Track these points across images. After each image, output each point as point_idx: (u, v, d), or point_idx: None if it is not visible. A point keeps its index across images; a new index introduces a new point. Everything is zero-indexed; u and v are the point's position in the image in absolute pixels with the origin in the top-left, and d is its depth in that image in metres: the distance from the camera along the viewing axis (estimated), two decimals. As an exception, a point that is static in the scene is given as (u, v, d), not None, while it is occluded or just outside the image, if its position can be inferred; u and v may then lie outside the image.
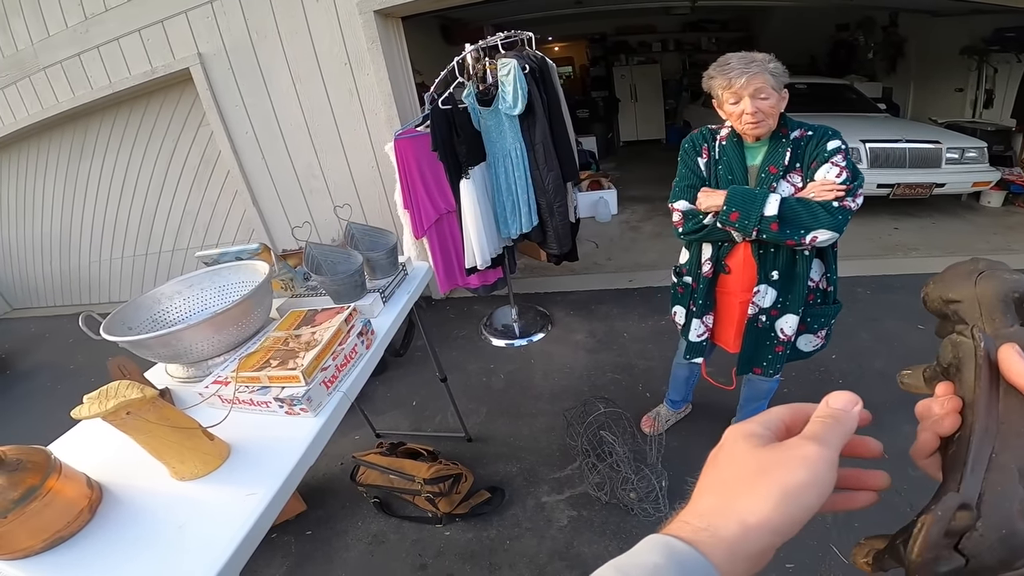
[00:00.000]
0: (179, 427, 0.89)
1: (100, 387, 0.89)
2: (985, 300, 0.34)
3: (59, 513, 0.87)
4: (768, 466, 0.30)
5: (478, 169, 2.38)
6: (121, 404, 0.80)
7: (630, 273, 3.28)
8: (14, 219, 5.73)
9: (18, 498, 0.83)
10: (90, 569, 0.83)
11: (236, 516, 0.86)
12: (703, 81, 1.44)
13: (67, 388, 4.04)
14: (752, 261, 1.49)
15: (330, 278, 1.27)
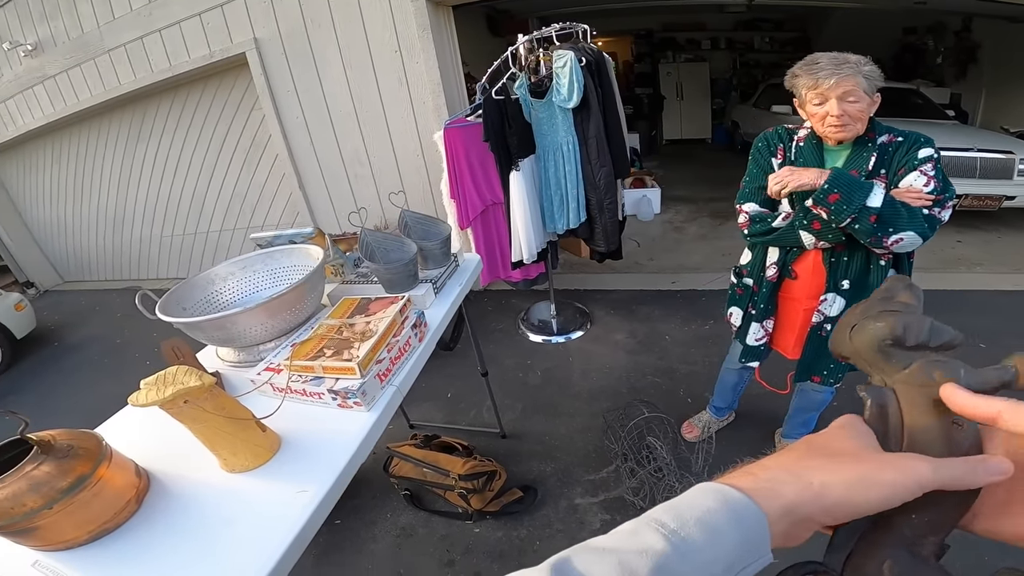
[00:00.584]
0: (234, 418, 0.85)
1: (154, 368, 0.85)
2: (863, 354, 0.35)
3: (107, 504, 0.83)
4: (865, 456, 0.29)
5: (528, 161, 2.30)
6: (179, 392, 0.76)
7: (673, 275, 3.15)
8: (72, 196, 5.94)
9: (67, 487, 0.79)
10: (134, 564, 0.79)
11: (287, 515, 0.81)
12: (786, 79, 1.35)
13: (114, 362, 4.17)
14: (821, 268, 1.40)
15: (384, 266, 1.22)
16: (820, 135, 1.33)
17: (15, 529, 0.77)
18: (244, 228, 4.88)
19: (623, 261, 3.08)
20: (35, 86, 4.89)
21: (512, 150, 2.26)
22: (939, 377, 0.32)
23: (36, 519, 0.76)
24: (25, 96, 5.04)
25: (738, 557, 0.26)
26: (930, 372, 0.33)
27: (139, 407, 0.76)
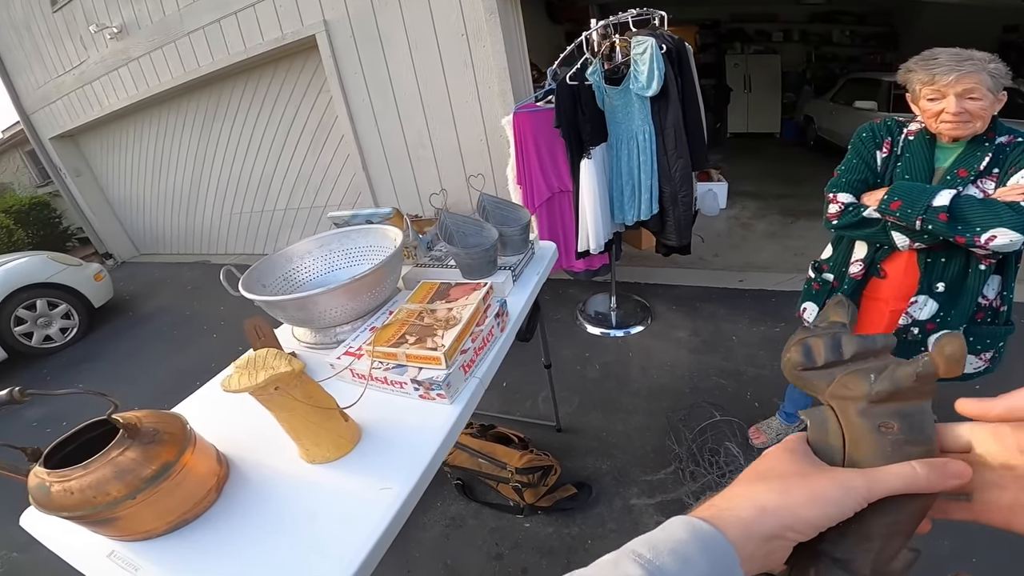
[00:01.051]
0: (319, 406, 0.80)
1: (220, 342, 0.81)
2: (791, 381, 0.38)
3: (189, 493, 0.79)
4: (811, 475, 0.31)
5: (599, 149, 2.20)
6: (271, 379, 0.71)
7: (740, 272, 2.97)
8: (150, 174, 6.23)
9: (151, 476, 0.75)
10: (213, 557, 0.75)
11: (371, 513, 0.76)
12: (899, 73, 1.28)
13: (182, 334, 4.31)
14: (915, 268, 1.31)
15: (465, 250, 1.15)
16: (934, 131, 1.25)
17: (96, 519, 0.75)
18: (308, 208, 4.97)
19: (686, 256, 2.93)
20: (120, 68, 5.11)
21: (584, 137, 2.16)
22: (852, 386, 0.34)
23: (118, 509, 0.73)
24: (111, 77, 5.28)
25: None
26: (845, 383, 0.34)
27: (231, 392, 0.72)
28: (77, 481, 0.72)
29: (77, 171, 6.78)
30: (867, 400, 0.33)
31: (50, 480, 0.74)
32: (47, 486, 0.74)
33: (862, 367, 0.35)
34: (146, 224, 6.93)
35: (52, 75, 5.85)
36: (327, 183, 4.65)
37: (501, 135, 3.13)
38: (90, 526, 0.77)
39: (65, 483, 0.73)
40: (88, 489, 0.72)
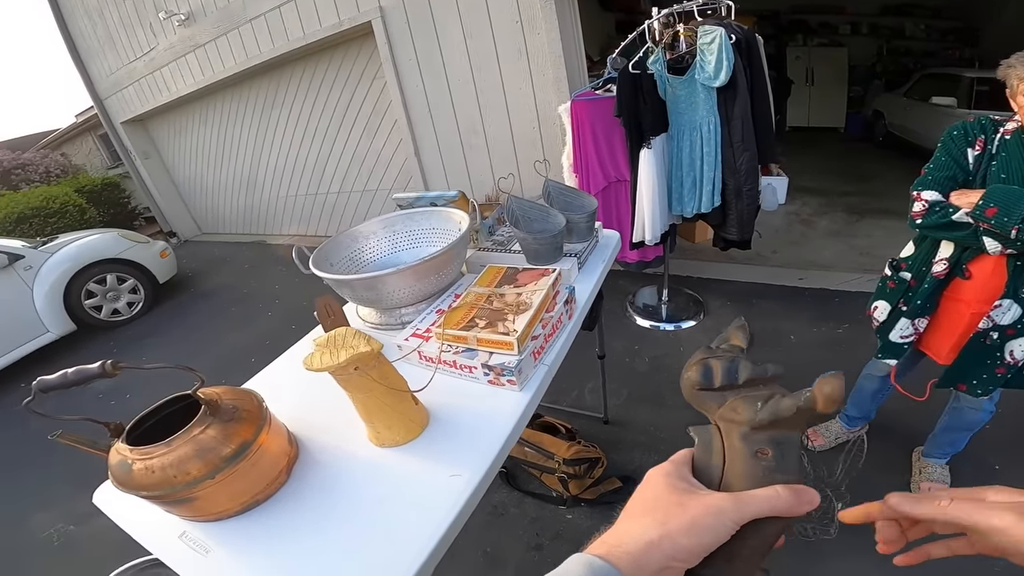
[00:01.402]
0: (394, 388, 0.78)
1: (276, 319, 0.80)
2: (688, 399, 0.41)
3: (262, 473, 0.78)
4: (688, 504, 0.33)
5: (660, 139, 2.12)
6: (352, 358, 0.69)
7: (800, 271, 2.82)
8: (213, 157, 6.46)
9: (230, 455, 0.73)
10: (281, 540, 0.74)
11: (441, 500, 0.73)
12: (999, 70, 1.21)
13: (240, 311, 4.45)
14: (1002, 271, 1.23)
15: (533, 236, 1.12)
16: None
17: (173, 499, 0.73)
18: (360, 191, 5.05)
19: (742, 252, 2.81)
20: (187, 54, 5.29)
21: (644, 127, 2.09)
22: (740, 411, 0.35)
23: (196, 489, 0.72)
24: (178, 64, 5.49)
25: None
26: (733, 407, 0.36)
27: (313, 371, 0.70)
28: (159, 459, 0.71)
29: (146, 154, 7.12)
30: (749, 426, 0.35)
31: (132, 457, 0.72)
32: (129, 463, 0.72)
33: (751, 394, 0.37)
34: (208, 205, 7.22)
35: (124, 61, 6.12)
36: (379, 167, 4.70)
37: (555, 123, 3.08)
38: (165, 506, 0.76)
39: (147, 461, 0.72)
40: (169, 468, 0.71)
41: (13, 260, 3.93)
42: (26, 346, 4.00)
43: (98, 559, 2.06)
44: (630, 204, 2.29)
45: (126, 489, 0.73)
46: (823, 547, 1.52)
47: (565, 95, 2.90)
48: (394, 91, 3.79)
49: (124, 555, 2.04)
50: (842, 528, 1.52)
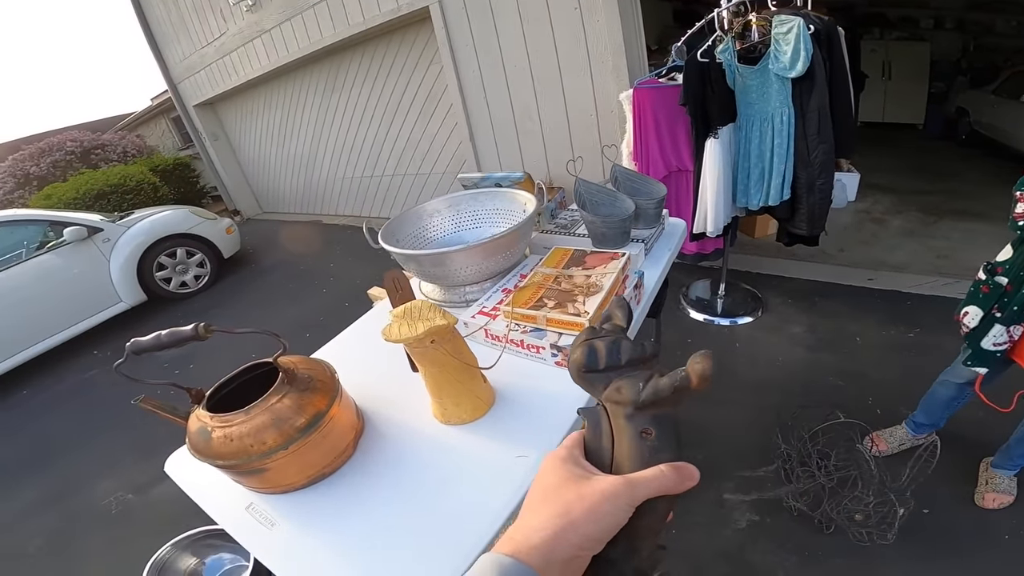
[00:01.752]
0: (467, 363, 0.76)
1: (330, 296, 0.80)
2: (576, 382, 0.41)
3: (331, 446, 0.77)
4: (586, 491, 0.33)
5: (727, 130, 2.04)
6: (430, 330, 0.68)
7: (870, 271, 2.65)
8: (276, 138, 6.68)
9: (304, 426, 0.72)
10: (345, 515, 0.73)
11: (507, 481, 0.71)
12: None
13: (296, 287, 4.60)
14: None
15: (601, 219, 1.09)
16: None
17: (247, 469, 0.72)
18: (414, 174, 5.11)
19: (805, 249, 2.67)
20: (254, 40, 5.47)
21: (711, 116, 2.01)
22: (624, 391, 0.36)
23: (269, 460, 0.71)
24: (246, 49, 5.68)
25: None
26: (618, 388, 0.37)
27: (391, 342, 0.69)
28: (237, 427, 0.71)
29: (215, 135, 7.45)
30: (633, 406, 0.36)
31: (212, 425, 0.72)
32: (208, 431, 0.72)
33: (633, 374, 0.37)
34: (269, 184, 7.50)
35: (196, 47, 6.39)
36: (433, 151, 4.73)
37: (612, 111, 3.01)
38: (237, 476, 0.76)
39: (227, 428, 0.71)
40: (247, 437, 0.70)
41: (92, 232, 4.19)
42: (101, 314, 4.27)
43: (152, 530, 2.14)
44: (692, 194, 2.21)
45: (203, 457, 0.73)
46: (877, 553, 1.44)
47: (625, 83, 2.82)
48: (450, 76, 3.79)
49: (177, 526, 2.16)
50: (900, 535, 1.44)
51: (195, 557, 1.46)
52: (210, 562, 1.47)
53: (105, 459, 2.76)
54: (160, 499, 2.35)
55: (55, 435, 3.17)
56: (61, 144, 8.13)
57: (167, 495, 2.32)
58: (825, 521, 1.53)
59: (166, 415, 0.79)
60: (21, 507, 2.53)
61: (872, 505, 1.47)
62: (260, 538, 0.73)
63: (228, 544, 1.48)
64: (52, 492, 2.60)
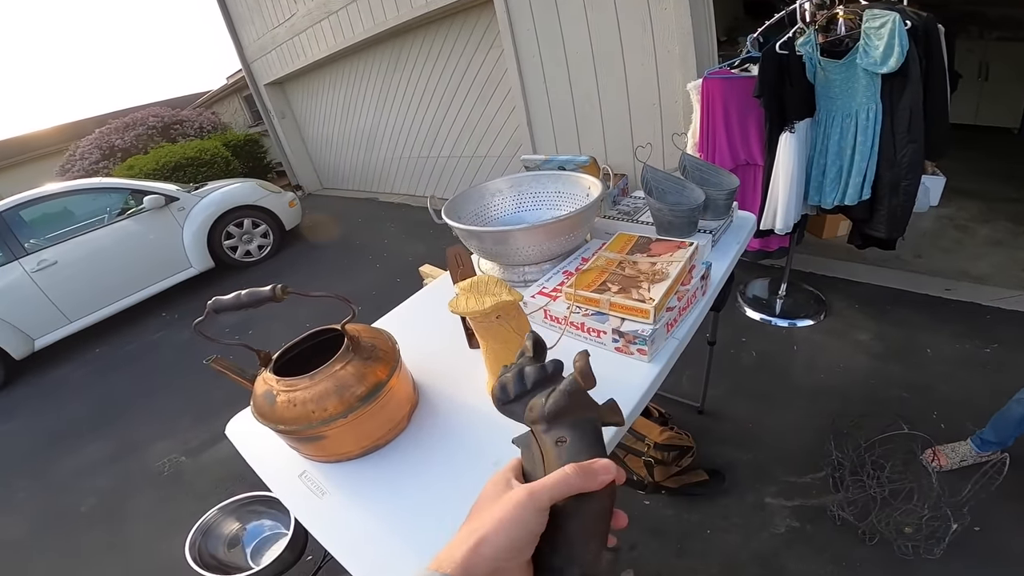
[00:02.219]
0: None
1: (383, 271, 0.79)
2: (505, 415, 0.44)
3: (388, 417, 0.76)
4: (496, 505, 0.34)
5: (803, 124, 1.93)
6: (497, 306, 0.67)
7: (949, 280, 2.45)
8: (339, 117, 6.85)
9: (364, 394, 0.72)
10: (393, 489, 0.72)
11: None
12: None
13: (351, 261, 4.74)
14: None
15: (669, 207, 1.05)
16: None
17: (306, 435, 0.72)
18: (469, 156, 5.12)
19: (878, 253, 2.51)
20: (322, 21, 5.59)
21: (788, 110, 1.90)
22: (535, 410, 0.39)
23: (328, 428, 0.71)
24: (314, 30, 5.81)
25: None
26: (530, 408, 0.40)
27: (457, 314, 0.69)
28: (302, 392, 0.71)
29: (282, 113, 7.73)
30: (545, 420, 0.37)
31: (278, 388, 0.72)
32: (274, 395, 0.72)
33: (542, 393, 0.40)
34: (330, 161, 7.73)
35: (269, 27, 6.60)
36: (490, 134, 4.72)
37: (677, 100, 2.90)
38: (294, 442, 0.76)
39: (291, 393, 0.71)
40: (310, 402, 0.70)
41: (169, 201, 4.46)
42: (172, 278, 4.56)
43: (199, 494, 2.26)
44: (759, 189, 2.11)
45: (265, 421, 0.73)
46: (917, 567, 1.36)
47: (693, 73, 2.70)
48: (510, 60, 3.75)
49: (221, 492, 2.28)
50: (948, 551, 1.35)
51: (238, 522, 1.50)
52: (251, 528, 1.51)
53: (163, 420, 2.89)
54: (209, 463, 2.45)
55: (120, 394, 3.36)
56: (144, 119, 8.62)
57: (216, 459, 2.46)
58: (869, 532, 1.46)
59: (235, 377, 0.81)
60: (81, 466, 2.68)
61: (926, 519, 1.40)
62: (309, 506, 0.74)
63: (270, 511, 1.52)
64: (111, 452, 2.74)
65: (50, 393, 3.61)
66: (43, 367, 3.98)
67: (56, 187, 4.30)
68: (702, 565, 1.52)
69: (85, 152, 8.11)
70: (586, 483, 0.33)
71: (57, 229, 4.12)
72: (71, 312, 4.04)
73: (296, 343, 0.84)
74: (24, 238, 3.90)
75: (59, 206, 4.31)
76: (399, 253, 4.62)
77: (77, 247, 4.04)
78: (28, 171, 11.05)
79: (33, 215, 4.09)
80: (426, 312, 1.19)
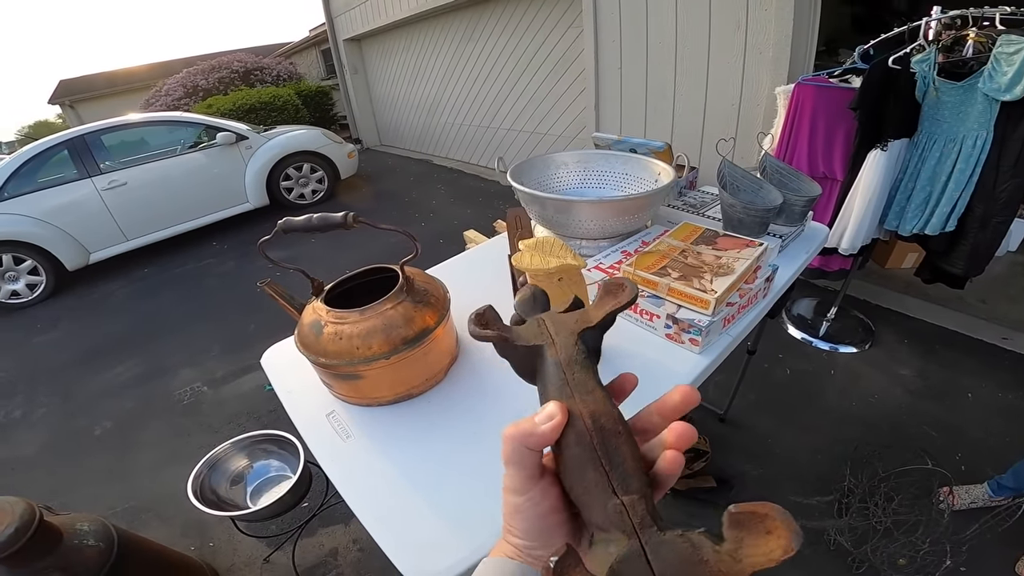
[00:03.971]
0: None
1: (431, 228, 0.77)
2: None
3: (427, 366, 0.74)
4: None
5: (898, 143, 1.79)
6: (562, 267, 0.64)
7: (1008, 329, 2.28)
8: (408, 78, 6.85)
9: (411, 338, 0.69)
10: (419, 443, 0.70)
11: None
12: None
13: (399, 216, 4.77)
14: None
15: (743, 204, 1.00)
16: None
17: (345, 372, 0.70)
18: (529, 132, 5.05)
19: (941, 291, 2.34)
20: (408, -21, 5.57)
21: (886, 126, 1.77)
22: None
23: (369, 368, 0.68)
24: (393, -10, 5.79)
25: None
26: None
27: (521, 269, 0.66)
28: (350, 326, 0.69)
29: (355, 69, 7.80)
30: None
31: (327, 319, 0.70)
32: (321, 325, 0.70)
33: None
34: (392, 120, 7.78)
35: (357, -18, 6.64)
36: (554, 112, 4.62)
37: (759, 104, 2.75)
38: (331, 379, 0.74)
39: (339, 325, 0.69)
40: (356, 337, 0.68)
41: (239, 140, 4.59)
42: (228, 210, 4.72)
43: (212, 426, 2.28)
44: (833, 205, 1.99)
45: (308, 352, 0.71)
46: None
47: (783, 77, 2.55)
48: (588, 41, 3.62)
49: (236, 427, 2.29)
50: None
51: (247, 459, 1.46)
52: (257, 466, 1.48)
53: (194, 348, 2.94)
54: (228, 397, 2.47)
55: (159, 316, 3.45)
56: (229, 63, 8.86)
57: (236, 393, 2.49)
58: (860, 560, 1.42)
59: (284, 303, 0.79)
60: (106, 387, 2.72)
61: (923, 552, 1.36)
62: (332, 448, 0.72)
63: (281, 452, 1.49)
64: (138, 374, 2.79)
65: (94, 307, 3.75)
66: (93, 281, 4.15)
67: (137, 117, 4.49)
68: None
69: (170, 89, 8.40)
70: (527, 442, 0.27)
71: (132, 155, 4.30)
72: (130, 231, 4.24)
73: (350, 276, 0.83)
74: (101, 160, 4.09)
75: (137, 135, 4.49)
76: (446, 215, 4.63)
77: (147, 172, 4.22)
78: (118, 103, 11.57)
79: (112, 141, 4.26)
80: (474, 271, 1.18)
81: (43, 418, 2.55)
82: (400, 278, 0.75)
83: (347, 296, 0.81)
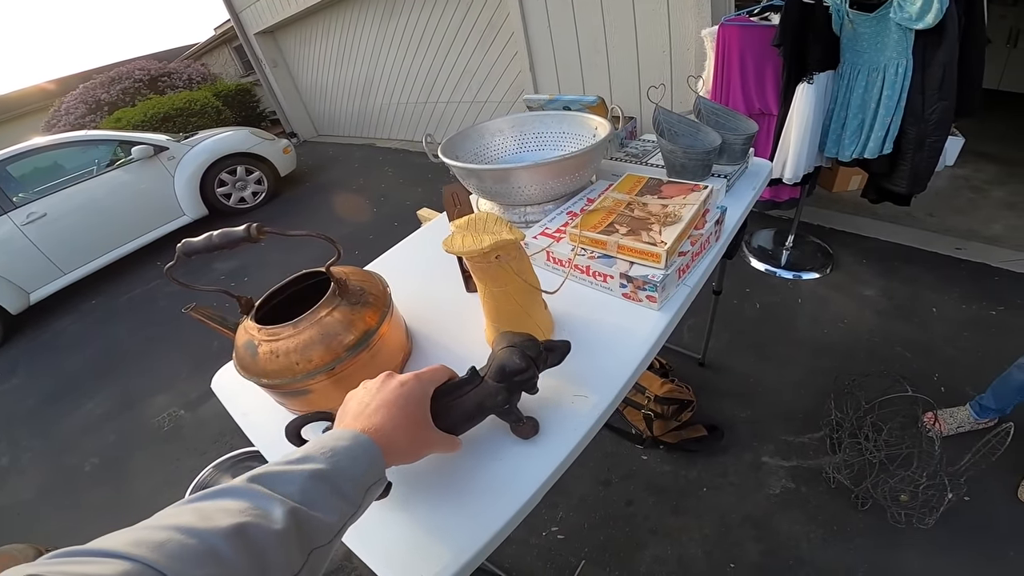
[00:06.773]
0: (531, 285, 0.68)
1: (384, 212, 0.73)
2: None
3: (379, 367, 0.69)
4: (380, 393, 0.54)
5: (823, 76, 1.84)
6: (497, 244, 0.60)
7: (960, 240, 2.38)
8: (332, 65, 6.59)
9: (353, 344, 0.66)
10: None
11: (560, 422, 0.64)
12: None
13: (348, 206, 4.65)
14: None
15: (683, 149, 0.98)
16: None
17: (291, 389, 0.67)
18: (469, 102, 4.96)
19: (890, 209, 2.43)
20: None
21: (810, 61, 1.82)
22: None
23: (314, 381, 0.65)
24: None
25: (367, 474, 0.44)
26: None
27: (452, 254, 0.62)
28: (285, 342, 0.65)
29: (274, 62, 7.44)
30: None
31: (259, 338, 0.67)
32: (255, 345, 0.67)
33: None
34: (326, 108, 7.51)
35: (256, -28, 6.26)
36: (491, 80, 4.53)
37: (688, 48, 2.74)
38: (280, 397, 0.71)
39: (274, 343, 0.65)
40: (293, 353, 0.64)
41: (159, 151, 4.33)
42: (165, 227, 4.49)
43: (198, 449, 2.23)
44: (772, 139, 2.02)
45: (248, 375, 0.68)
46: (904, 536, 1.36)
47: (707, 20, 2.54)
48: (512, 3, 3.53)
49: (222, 446, 2.22)
50: (940, 522, 1.34)
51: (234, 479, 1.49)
52: None
53: (161, 373, 2.85)
54: (208, 416, 2.42)
55: (118, 345, 3.32)
56: (130, 72, 8.31)
57: (215, 412, 2.41)
58: (863, 497, 1.45)
59: (214, 326, 0.75)
60: (83, 423, 2.65)
61: (922, 487, 1.36)
62: None
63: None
64: (111, 407, 2.70)
65: (48, 347, 3.58)
66: (41, 320, 3.94)
67: (42, 141, 4.16)
68: (695, 524, 1.51)
69: (70, 107, 7.86)
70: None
71: (46, 182, 4.01)
72: (64, 264, 3.97)
73: (279, 288, 0.78)
74: (12, 192, 3.79)
75: (47, 160, 4.19)
76: (397, 197, 4.54)
77: (67, 199, 3.95)
78: (12, 129, 10.73)
79: (21, 170, 3.98)
80: (421, 255, 1.13)
81: (31, 462, 2.49)
82: (330, 283, 0.70)
83: (284, 307, 0.77)
